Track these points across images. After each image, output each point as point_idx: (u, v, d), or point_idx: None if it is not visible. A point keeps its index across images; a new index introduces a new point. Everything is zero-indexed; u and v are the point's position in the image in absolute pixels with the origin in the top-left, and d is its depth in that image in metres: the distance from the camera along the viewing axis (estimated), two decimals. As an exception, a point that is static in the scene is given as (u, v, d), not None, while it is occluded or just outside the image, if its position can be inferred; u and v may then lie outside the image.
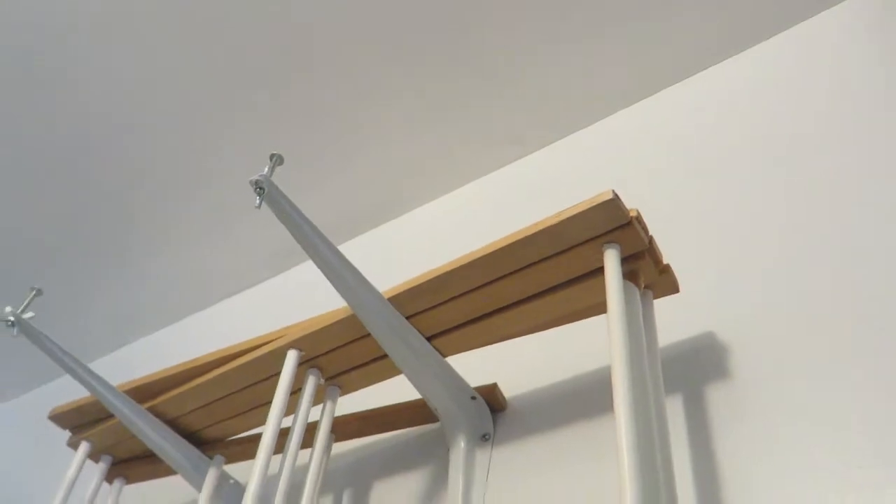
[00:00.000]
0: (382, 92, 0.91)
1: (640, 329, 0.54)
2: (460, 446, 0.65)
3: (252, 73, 0.91)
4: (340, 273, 0.58)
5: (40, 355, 0.67)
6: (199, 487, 0.74)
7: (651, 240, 0.56)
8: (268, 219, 0.54)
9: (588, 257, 0.55)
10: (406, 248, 0.95)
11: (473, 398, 0.66)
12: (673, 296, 0.59)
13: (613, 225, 0.54)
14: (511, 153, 0.93)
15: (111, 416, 0.74)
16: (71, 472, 0.76)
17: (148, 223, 1.08)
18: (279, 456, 0.61)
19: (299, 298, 0.88)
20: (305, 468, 0.63)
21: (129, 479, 0.80)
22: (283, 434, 0.61)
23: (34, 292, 0.69)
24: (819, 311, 0.57)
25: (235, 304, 1.11)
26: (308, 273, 0.64)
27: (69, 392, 0.77)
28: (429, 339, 0.62)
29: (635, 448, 0.44)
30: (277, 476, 0.60)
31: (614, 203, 0.53)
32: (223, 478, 0.75)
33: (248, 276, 1.10)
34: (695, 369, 0.59)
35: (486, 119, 0.92)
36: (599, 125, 0.88)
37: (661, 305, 0.58)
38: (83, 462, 0.77)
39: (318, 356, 0.65)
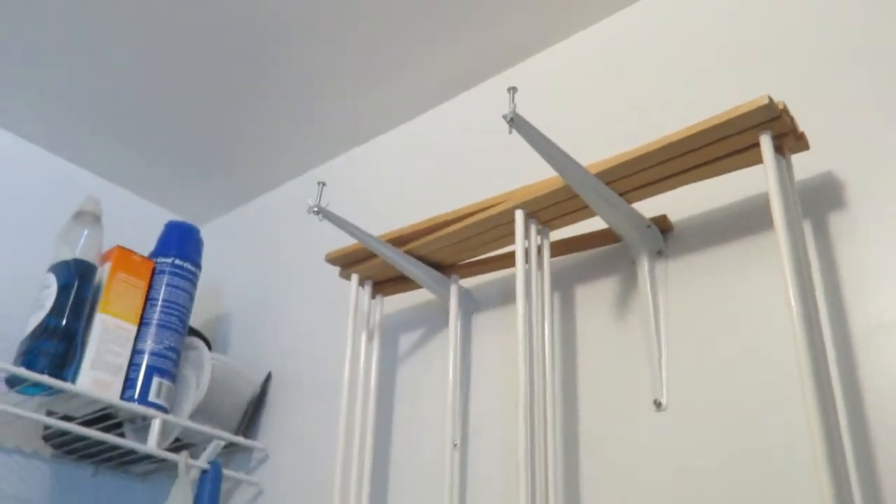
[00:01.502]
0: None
1: (787, 185, 0.77)
2: (644, 259, 0.92)
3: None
4: (570, 169, 0.82)
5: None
6: (443, 297, 1.05)
7: (793, 122, 0.77)
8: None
9: (749, 137, 0.77)
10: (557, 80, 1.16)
11: (649, 226, 0.92)
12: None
13: (768, 118, 0.75)
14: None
15: (372, 255, 1.04)
16: (353, 296, 1.08)
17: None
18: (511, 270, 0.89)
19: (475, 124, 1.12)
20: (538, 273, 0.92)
21: (386, 294, 1.12)
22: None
23: (321, 185, 0.95)
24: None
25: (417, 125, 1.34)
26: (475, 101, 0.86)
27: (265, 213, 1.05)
28: (620, 194, 0.87)
29: (793, 258, 0.70)
30: (513, 280, 0.89)
31: (769, 106, 0.74)
32: (462, 290, 1.05)
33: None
34: (821, 201, 0.83)
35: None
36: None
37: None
38: (359, 286, 1.08)
39: (536, 211, 0.91)
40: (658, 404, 0.85)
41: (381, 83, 1.28)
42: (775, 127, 0.76)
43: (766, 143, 0.76)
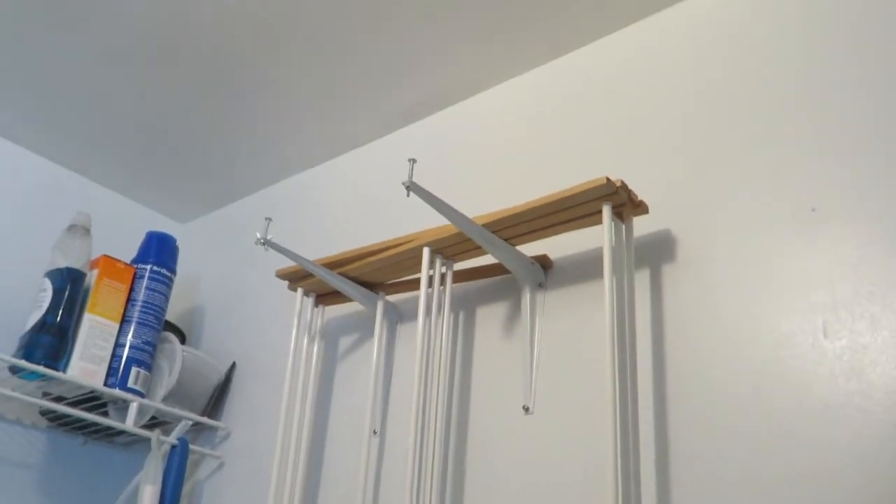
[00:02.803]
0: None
1: (621, 242, 0.99)
2: (527, 289, 1.14)
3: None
4: (461, 221, 1.03)
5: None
6: (372, 310, 1.27)
7: (630, 194, 0.99)
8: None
9: (596, 205, 0.99)
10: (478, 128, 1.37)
11: (532, 263, 1.13)
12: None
13: (608, 192, 0.97)
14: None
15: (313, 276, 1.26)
16: (297, 305, 1.30)
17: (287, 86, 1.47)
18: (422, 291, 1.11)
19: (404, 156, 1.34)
20: (439, 296, 1.14)
21: (327, 304, 1.34)
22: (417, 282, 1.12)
23: (269, 221, 1.17)
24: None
25: (362, 154, 1.56)
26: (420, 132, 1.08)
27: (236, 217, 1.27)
28: (505, 239, 1.09)
29: (613, 305, 0.92)
30: (417, 300, 1.11)
31: (608, 184, 0.95)
32: (388, 304, 1.27)
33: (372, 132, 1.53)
34: (657, 254, 1.04)
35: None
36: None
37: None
38: (304, 297, 1.30)
39: (441, 248, 1.13)
40: (526, 409, 1.08)
41: (336, 110, 1.48)
42: (614, 199, 0.98)
43: (606, 211, 0.98)
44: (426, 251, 1.13)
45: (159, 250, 1.47)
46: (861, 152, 0.92)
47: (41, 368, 1.25)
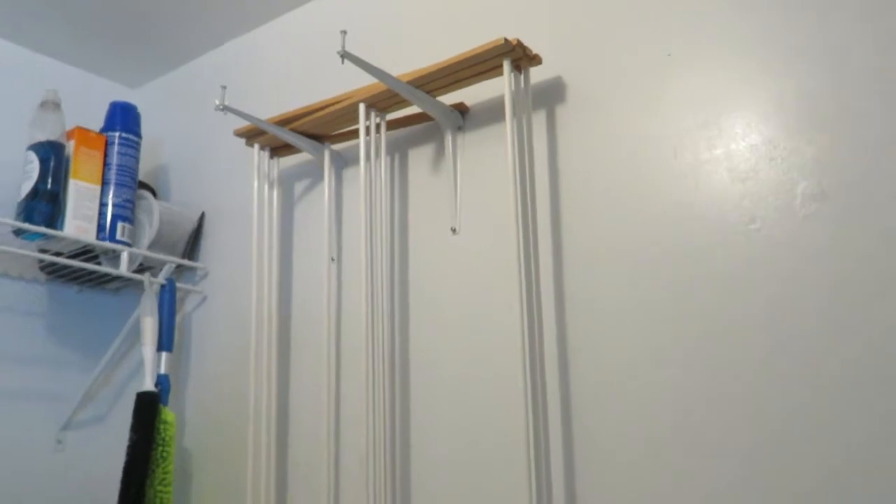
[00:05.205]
0: None
1: (520, 89, 1.22)
2: (449, 133, 1.37)
3: None
4: (389, 80, 1.24)
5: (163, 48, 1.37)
6: (320, 158, 1.49)
7: (525, 50, 1.20)
8: None
9: (495, 62, 1.20)
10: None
11: (452, 110, 1.36)
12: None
13: (506, 50, 1.18)
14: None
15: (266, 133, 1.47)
16: (256, 158, 1.51)
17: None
18: (361, 140, 1.34)
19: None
20: (376, 142, 1.37)
21: (281, 156, 1.56)
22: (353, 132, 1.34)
23: (224, 89, 1.36)
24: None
25: (305, 12, 1.72)
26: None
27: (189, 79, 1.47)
28: (427, 92, 1.30)
29: (514, 142, 1.17)
30: (358, 147, 1.34)
31: (507, 43, 1.16)
32: (333, 153, 1.49)
33: None
34: (550, 96, 1.27)
35: None
36: None
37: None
38: (260, 151, 1.51)
39: (374, 102, 1.34)
40: (453, 230, 1.34)
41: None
42: (512, 55, 1.19)
43: (506, 65, 1.19)
44: (362, 106, 1.34)
45: (124, 118, 1.65)
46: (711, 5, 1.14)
47: (42, 229, 1.46)
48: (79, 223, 1.52)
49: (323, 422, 1.38)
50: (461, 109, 1.37)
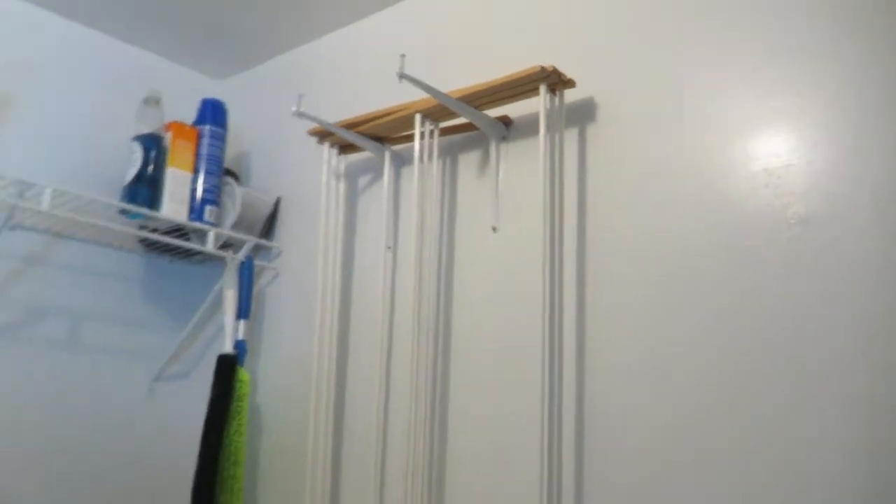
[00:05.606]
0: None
1: (554, 109, 1.39)
2: (493, 142, 1.55)
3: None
4: (442, 97, 1.43)
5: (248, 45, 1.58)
6: (381, 157, 1.69)
7: (560, 75, 1.37)
8: None
9: (533, 85, 1.38)
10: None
11: (497, 122, 1.53)
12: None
13: (542, 76, 1.35)
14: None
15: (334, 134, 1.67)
16: (325, 155, 1.72)
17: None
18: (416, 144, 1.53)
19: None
20: (430, 147, 1.56)
21: (348, 154, 1.76)
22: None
23: (300, 96, 1.56)
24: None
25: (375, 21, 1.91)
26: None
27: (272, 75, 1.68)
28: (475, 107, 1.48)
29: (546, 155, 1.35)
30: (412, 149, 1.53)
31: (543, 70, 1.33)
32: (393, 153, 1.69)
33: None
34: (584, 115, 1.44)
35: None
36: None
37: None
38: (330, 149, 1.73)
39: (429, 114, 1.53)
40: (494, 228, 1.52)
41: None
42: (547, 80, 1.36)
43: (542, 89, 1.37)
44: (418, 116, 1.53)
45: (214, 113, 1.88)
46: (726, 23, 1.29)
47: (144, 210, 1.71)
48: (173, 205, 1.76)
49: (375, 385, 1.60)
50: (505, 121, 1.54)
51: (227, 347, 1.77)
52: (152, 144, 1.76)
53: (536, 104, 1.48)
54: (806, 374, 1.11)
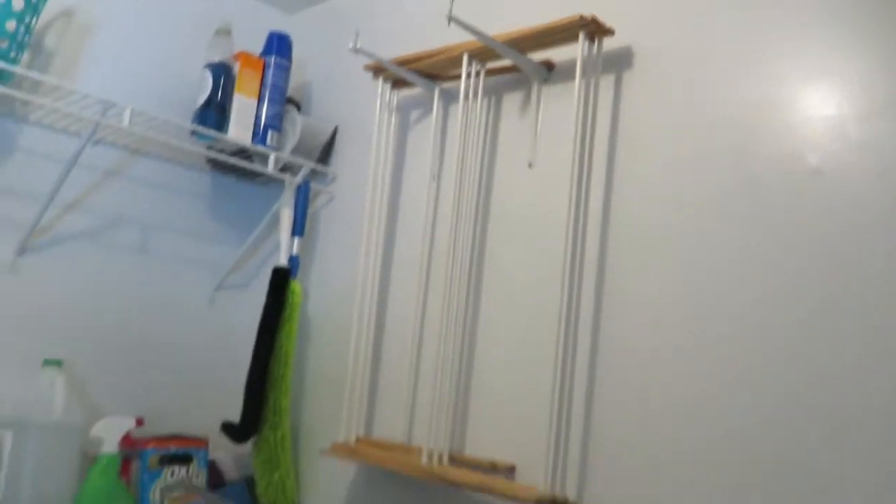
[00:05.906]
0: None
1: (592, 56, 1.49)
2: (535, 84, 1.66)
3: None
4: (488, 40, 1.54)
5: None
6: (432, 94, 1.82)
7: (598, 24, 1.46)
8: None
9: (573, 32, 1.48)
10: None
11: (540, 65, 1.64)
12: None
13: (582, 24, 1.45)
14: None
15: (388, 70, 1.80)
16: (380, 89, 1.85)
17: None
18: (462, 82, 1.65)
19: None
20: (475, 86, 1.68)
21: (400, 89, 1.89)
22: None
23: (357, 34, 1.69)
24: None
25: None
26: None
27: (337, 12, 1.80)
28: (520, 51, 1.59)
29: (580, 98, 1.46)
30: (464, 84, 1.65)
31: (583, 19, 1.44)
32: (442, 90, 1.81)
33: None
34: (621, 63, 1.53)
35: None
36: None
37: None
38: (384, 84, 1.86)
39: (476, 55, 1.64)
40: (530, 165, 1.65)
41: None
42: (587, 27, 1.46)
43: (581, 36, 1.47)
44: (465, 56, 1.65)
45: (280, 46, 2.02)
46: (751, -1, 1.37)
47: (213, 132, 1.87)
48: (239, 129, 1.92)
49: (412, 300, 1.76)
50: (548, 65, 1.65)
51: (282, 261, 1.95)
52: (222, 72, 1.91)
53: (577, 50, 1.58)
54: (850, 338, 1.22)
